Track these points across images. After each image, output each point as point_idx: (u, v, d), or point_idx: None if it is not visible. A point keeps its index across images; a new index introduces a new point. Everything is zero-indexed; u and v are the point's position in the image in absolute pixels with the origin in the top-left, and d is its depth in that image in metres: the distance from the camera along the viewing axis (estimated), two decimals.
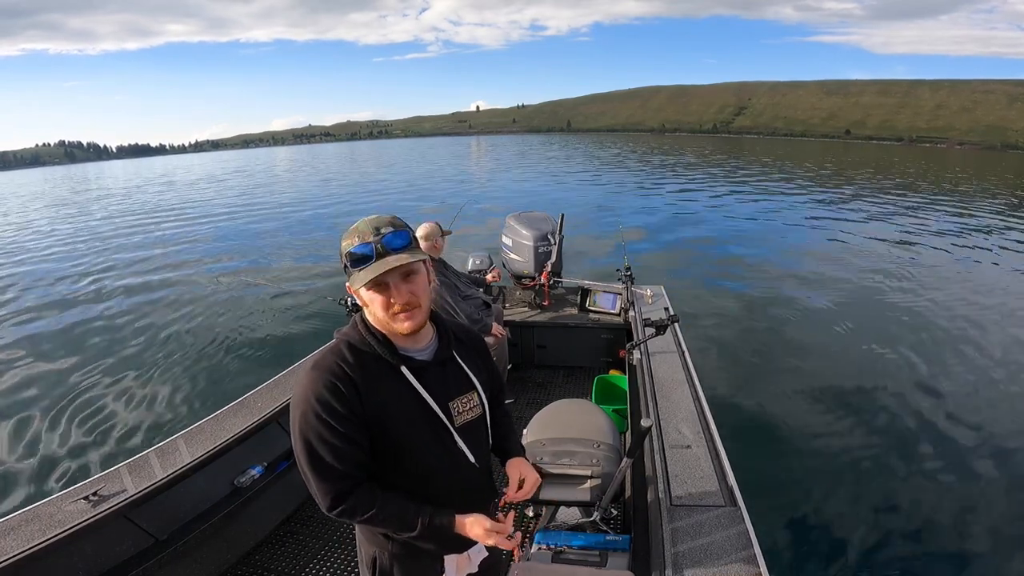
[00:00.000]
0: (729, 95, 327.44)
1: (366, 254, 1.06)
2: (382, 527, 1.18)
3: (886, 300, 7.66)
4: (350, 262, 1.08)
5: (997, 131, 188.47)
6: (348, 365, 1.10)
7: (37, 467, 4.20)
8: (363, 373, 1.10)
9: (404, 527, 1.14)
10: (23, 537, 1.82)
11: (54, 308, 8.64)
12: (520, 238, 4.41)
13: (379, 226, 1.09)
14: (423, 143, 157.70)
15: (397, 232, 1.09)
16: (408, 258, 1.06)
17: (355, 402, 1.08)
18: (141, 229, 16.84)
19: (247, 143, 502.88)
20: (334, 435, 1.06)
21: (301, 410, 1.08)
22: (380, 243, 1.06)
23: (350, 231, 1.10)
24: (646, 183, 24.52)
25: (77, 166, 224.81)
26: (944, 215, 15.82)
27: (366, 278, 1.05)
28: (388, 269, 1.04)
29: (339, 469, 1.08)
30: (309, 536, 2.67)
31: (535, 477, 1.36)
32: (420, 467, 1.17)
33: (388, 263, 1.05)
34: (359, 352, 1.13)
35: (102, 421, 4.84)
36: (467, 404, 1.22)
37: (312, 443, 1.07)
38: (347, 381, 1.08)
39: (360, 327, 1.16)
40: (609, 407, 2.98)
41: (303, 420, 1.07)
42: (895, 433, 4.30)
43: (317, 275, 9.69)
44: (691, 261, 10.08)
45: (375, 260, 1.06)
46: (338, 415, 1.06)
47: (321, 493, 1.10)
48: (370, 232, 1.08)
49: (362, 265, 1.07)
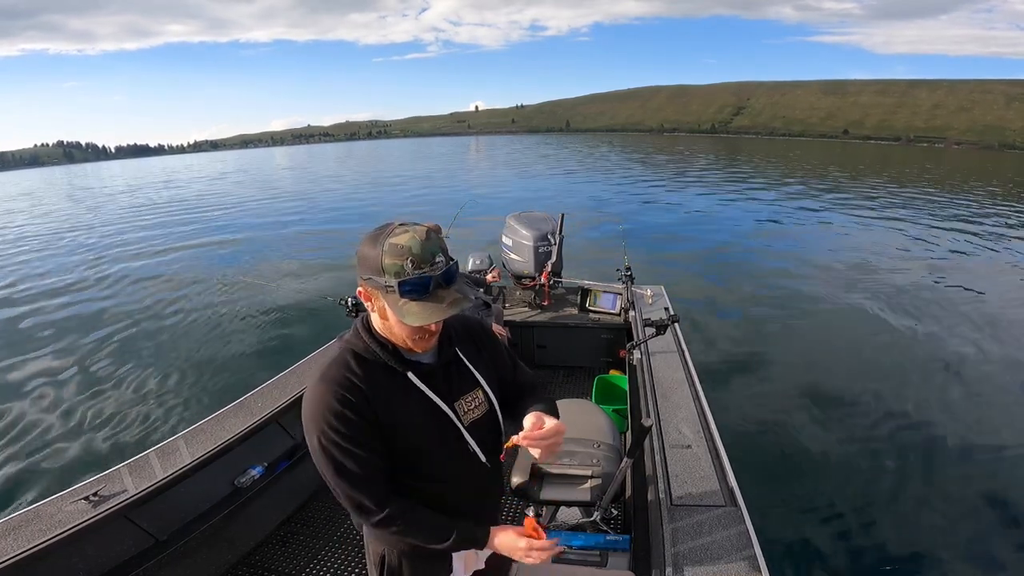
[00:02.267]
0: (728, 95, 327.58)
1: (424, 287, 0.98)
2: (416, 538, 1.16)
3: (887, 300, 7.64)
4: (399, 287, 0.98)
5: (995, 131, 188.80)
6: (356, 376, 1.08)
7: (37, 467, 4.19)
8: (371, 383, 1.09)
9: (438, 539, 1.14)
10: (24, 537, 1.82)
11: (53, 308, 8.63)
12: (520, 238, 4.41)
13: (435, 252, 0.99)
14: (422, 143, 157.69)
15: (450, 264, 1.01)
16: (464, 301, 1.01)
17: (367, 412, 1.06)
18: (141, 229, 16.82)
19: (246, 143, 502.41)
20: (355, 445, 1.05)
21: (318, 427, 1.05)
22: (440, 278, 0.99)
23: (397, 248, 0.98)
24: (646, 182, 24.55)
25: (76, 166, 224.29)
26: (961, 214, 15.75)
27: (429, 317, 0.98)
28: (453, 314, 0.99)
29: (369, 478, 1.07)
30: (309, 536, 2.67)
31: (558, 424, 1.15)
32: (434, 470, 1.17)
33: (448, 304, 0.99)
34: (365, 361, 1.11)
35: (102, 421, 4.84)
36: (472, 402, 1.22)
37: (336, 457, 1.05)
38: (357, 392, 1.06)
39: (364, 334, 1.12)
40: (609, 407, 2.98)
41: (322, 437, 1.05)
42: (896, 433, 4.30)
43: (317, 275, 9.68)
44: (692, 261, 10.08)
45: (430, 292, 0.99)
46: (355, 425, 1.05)
47: (357, 503, 1.09)
48: (426, 259, 0.98)
49: (417, 297, 0.99)
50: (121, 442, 4.47)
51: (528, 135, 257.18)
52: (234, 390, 3.13)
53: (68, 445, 4.47)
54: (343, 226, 14.85)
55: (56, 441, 4.55)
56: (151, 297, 8.88)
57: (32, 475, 4.10)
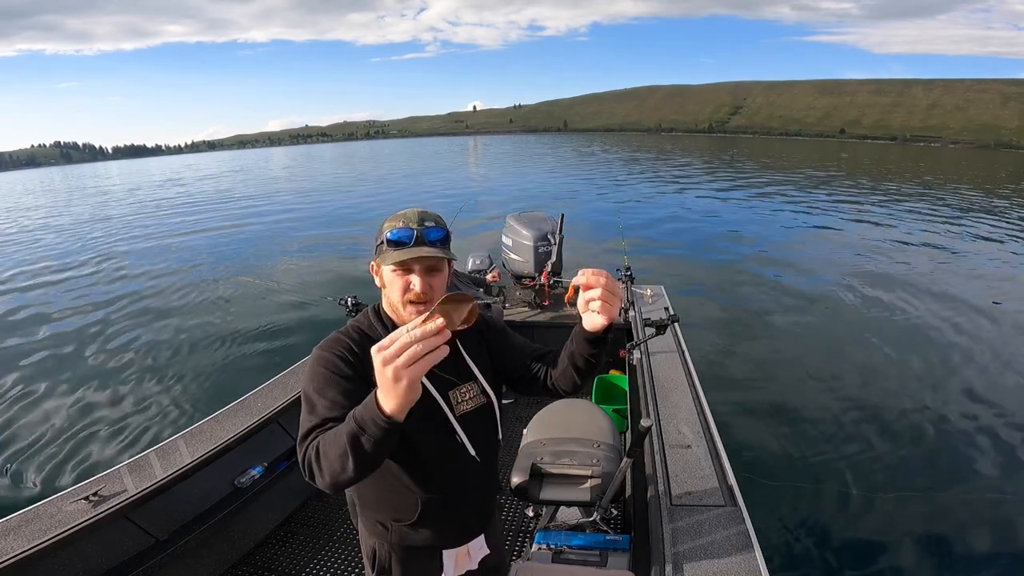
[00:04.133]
0: (725, 95, 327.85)
1: (405, 238, 1.12)
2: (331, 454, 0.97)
3: (888, 301, 7.61)
4: (387, 241, 1.14)
5: (990, 130, 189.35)
6: (355, 343, 1.16)
7: (37, 467, 4.18)
8: (367, 355, 1.05)
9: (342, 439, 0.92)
10: (23, 537, 1.82)
11: (53, 308, 8.60)
12: (520, 238, 4.42)
13: (424, 218, 1.15)
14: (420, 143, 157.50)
15: (438, 227, 1.16)
16: (440, 253, 1.12)
17: (360, 372, 1.11)
18: (139, 229, 16.78)
19: (243, 144, 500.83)
20: (336, 389, 1.07)
21: (309, 373, 1.12)
22: (421, 232, 1.13)
23: (396, 215, 1.17)
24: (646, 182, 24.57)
25: (73, 167, 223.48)
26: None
27: (398, 258, 1.11)
28: (419, 256, 1.10)
29: (327, 418, 1.02)
30: (309, 536, 2.68)
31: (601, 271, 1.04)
32: (418, 455, 1.19)
33: (422, 251, 1.11)
34: (366, 336, 1.18)
35: (102, 421, 4.83)
36: (467, 394, 1.25)
37: (311, 397, 1.07)
38: (353, 354, 1.14)
39: (371, 314, 1.24)
40: (609, 407, 2.98)
41: (309, 381, 1.10)
42: (897, 433, 4.31)
43: (317, 275, 9.69)
44: (692, 261, 10.10)
45: (411, 245, 1.12)
46: (344, 375, 1.10)
47: (300, 440, 1.02)
48: (415, 220, 1.14)
49: (398, 247, 1.13)
50: (121, 442, 4.47)
51: (525, 135, 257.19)
52: (234, 390, 3.13)
53: (68, 445, 4.45)
54: (343, 226, 14.86)
55: (56, 441, 4.53)
56: (151, 297, 8.86)
57: (32, 475, 4.09)
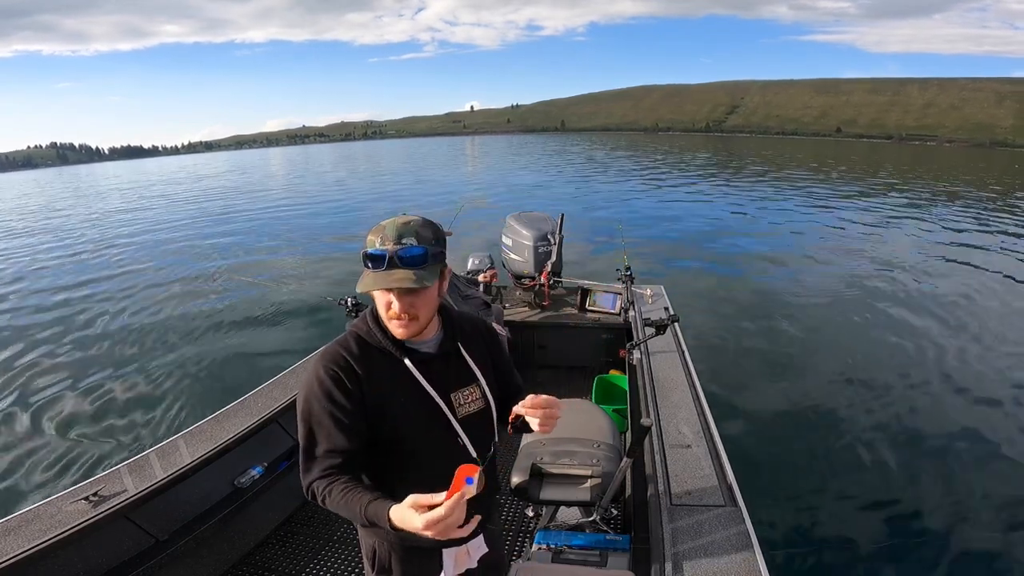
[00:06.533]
0: (722, 94, 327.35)
1: (378, 259, 1.07)
2: (341, 513, 1.09)
3: (889, 301, 7.60)
4: (364, 259, 1.09)
5: (985, 128, 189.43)
6: (353, 356, 1.14)
7: (37, 467, 4.18)
8: (367, 364, 1.14)
9: (354, 516, 1.05)
10: (23, 537, 1.82)
11: (53, 308, 8.59)
12: (520, 238, 4.41)
13: (403, 234, 1.08)
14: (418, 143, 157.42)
15: (419, 244, 1.08)
16: (412, 282, 1.05)
17: (356, 392, 1.12)
18: (138, 229, 16.73)
19: (240, 144, 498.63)
20: (331, 421, 1.10)
21: (304, 395, 1.14)
22: (396, 254, 1.06)
23: (377, 227, 1.11)
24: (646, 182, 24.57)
25: (69, 168, 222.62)
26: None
27: (370, 285, 1.08)
28: (388, 285, 1.06)
29: (327, 453, 1.11)
30: (309, 536, 2.67)
31: (551, 397, 1.13)
32: (420, 459, 1.19)
33: (392, 278, 1.05)
34: (365, 343, 1.17)
35: (102, 421, 4.83)
36: (468, 397, 1.24)
37: (310, 426, 1.12)
38: (350, 371, 1.12)
39: (369, 319, 1.20)
40: (609, 407, 2.99)
41: (305, 404, 1.13)
42: (897, 433, 4.31)
43: (317, 275, 9.69)
44: (692, 260, 10.09)
45: (384, 269, 1.07)
46: (338, 404, 1.10)
47: (303, 472, 1.13)
48: (392, 237, 1.07)
49: (373, 267, 1.08)
50: (121, 442, 4.46)
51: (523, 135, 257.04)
52: (234, 390, 3.12)
53: (68, 445, 4.45)
54: (344, 226, 14.83)
55: (56, 441, 4.53)
56: (151, 297, 8.85)
57: (32, 475, 4.08)
